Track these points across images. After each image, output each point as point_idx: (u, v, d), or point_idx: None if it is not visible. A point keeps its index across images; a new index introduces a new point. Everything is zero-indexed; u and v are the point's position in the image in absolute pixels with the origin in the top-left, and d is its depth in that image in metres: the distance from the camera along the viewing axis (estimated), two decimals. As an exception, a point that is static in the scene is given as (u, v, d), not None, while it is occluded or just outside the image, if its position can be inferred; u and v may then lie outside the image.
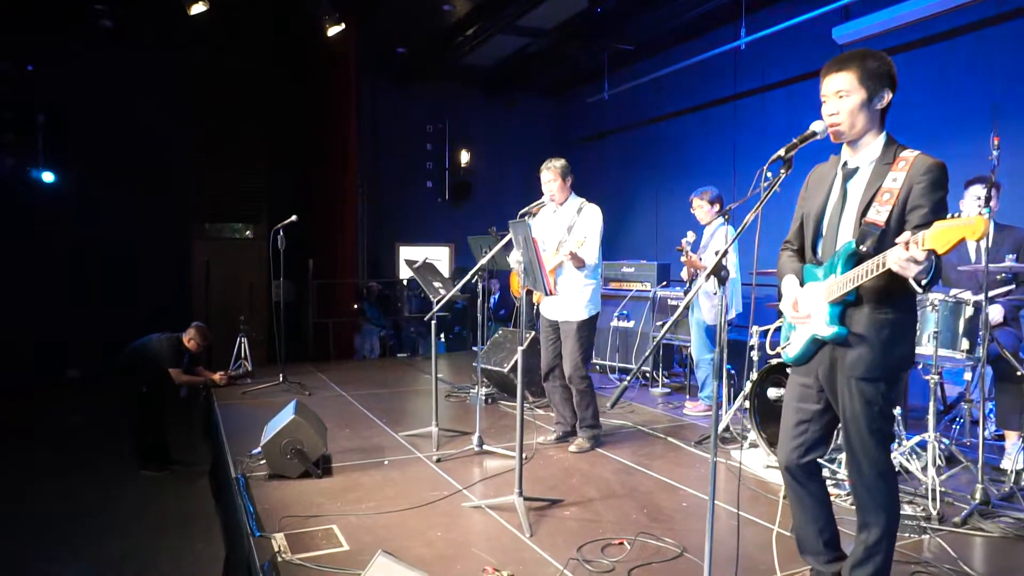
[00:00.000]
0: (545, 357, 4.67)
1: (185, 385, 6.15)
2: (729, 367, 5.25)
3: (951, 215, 1.84)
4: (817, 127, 2.21)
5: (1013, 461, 3.59)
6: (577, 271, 4.36)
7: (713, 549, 2.17)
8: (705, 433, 4.79)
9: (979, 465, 3.33)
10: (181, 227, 9.85)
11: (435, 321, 4.57)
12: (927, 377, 3.50)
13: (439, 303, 4.47)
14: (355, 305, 10.03)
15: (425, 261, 4.82)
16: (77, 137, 9.02)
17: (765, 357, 4.42)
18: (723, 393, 5.15)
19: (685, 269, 5.51)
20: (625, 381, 2.17)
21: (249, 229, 10.48)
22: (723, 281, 2.05)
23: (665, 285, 6.68)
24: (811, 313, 2.29)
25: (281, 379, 6.49)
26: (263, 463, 3.91)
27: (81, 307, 8.73)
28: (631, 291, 6.86)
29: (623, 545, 2.99)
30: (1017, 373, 3.61)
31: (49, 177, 9.02)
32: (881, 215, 2.15)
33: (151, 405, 5.71)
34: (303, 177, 9.98)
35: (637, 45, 9.44)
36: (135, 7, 8.35)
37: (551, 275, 4.37)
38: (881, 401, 2.20)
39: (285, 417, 3.91)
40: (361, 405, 5.76)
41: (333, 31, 8.13)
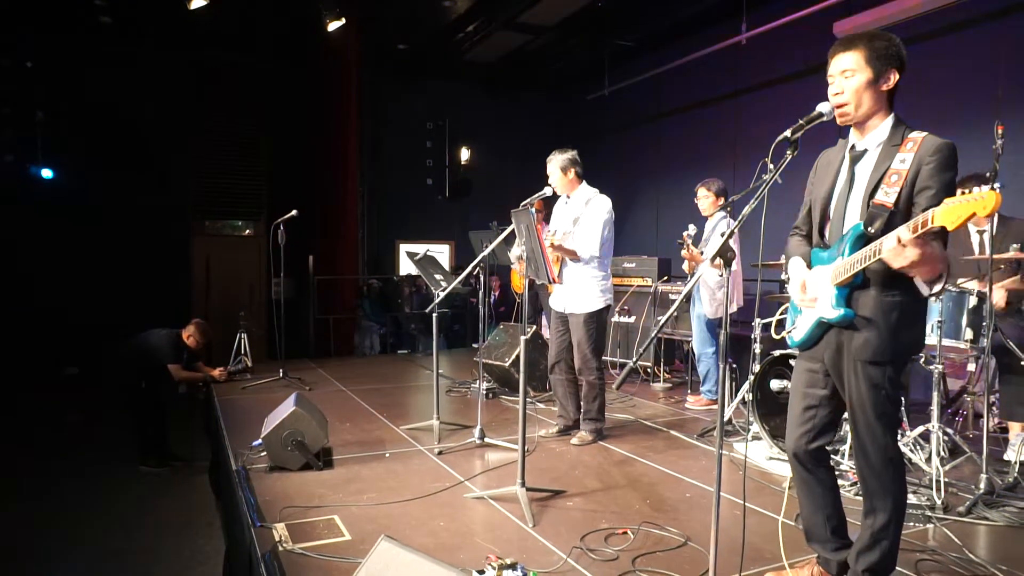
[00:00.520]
0: (552, 349, 4.66)
1: (185, 381, 6.13)
2: (730, 361, 5.24)
3: (964, 191, 1.82)
4: (824, 108, 2.19)
5: (1017, 452, 3.56)
6: (585, 264, 4.34)
7: (718, 539, 2.15)
8: (707, 426, 4.77)
9: (983, 455, 3.31)
10: (181, 224, 9.85)
11: (436, 314, 4.56)
12: (931, 367, 3.48)
13: (442, 294, 4.45)
14: (355, 302, 10.02)
15: (426, 254, 4.80)
16: (76, 133, 9.02)
17: (767, 350, 4.41)
18: (726, 386, 5.13)
19: (686, 263, 5.49)
20: (631, 363, 2.15)
21: (249, 226, 10.48)
22: (729, 263, 2.02)
23: (666, 280, 6.67)
24: (818, 296, 2.27)
25: (281, 374, 6.47)
26: (264, 455, 3.88)
27: (79, 304, 8.71)
28: (632, 286, 6.84)
29: (627, 535, 2.97)
30: (1021, 364, 3.60)
31: (48, 173, 9.00)
32: (889, 197, 2.13)
33: (150, 401, 5.70)
34: (303, 174, 9.98)
35: (638, 42, 9.44)
36: (134, 3, 8.33)
37: (555, 265, 4.36)
38: (888, 385, 2.18)
39: (286, 409, 3.89)
40: (362, 400, 5.74)
41: (333, 27, 8.12)
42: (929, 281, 2.00)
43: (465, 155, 11.80)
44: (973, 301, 3.56)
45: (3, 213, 8.59)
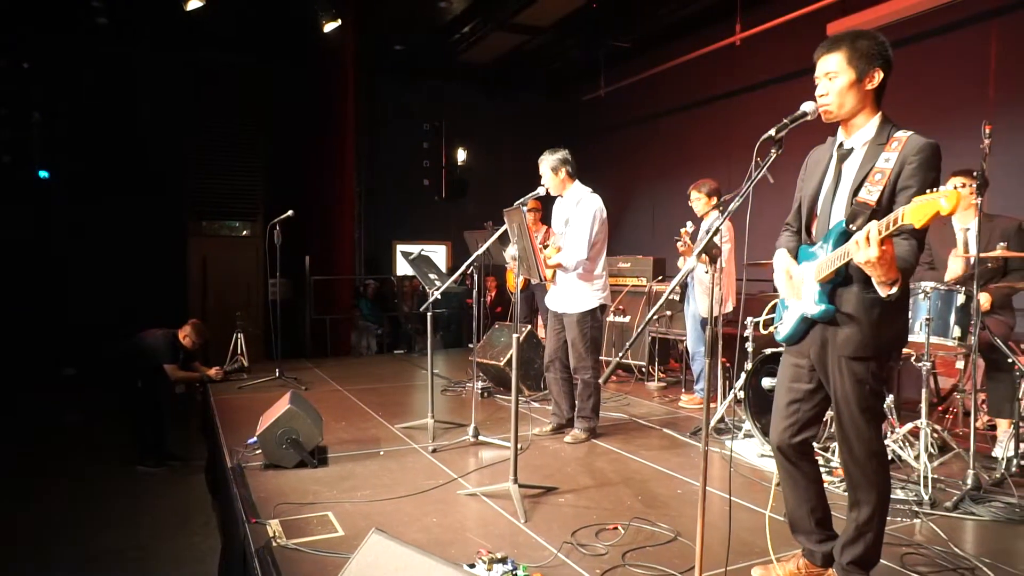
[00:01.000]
0: (549, 347, 4.69)
1: (181, 381, 6.15)
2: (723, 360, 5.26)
3: (930, 190, 1.85)
4: (807, 107, 2.23)
5: (1004, 448, 3.60)
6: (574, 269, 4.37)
7: (706, 533, 2.18)
8: (700, 424, 4.78)
9: (971, 452, 3.35)
10: (178, 224, 9.86)
11: (430, 313, 4.59)
12: (919, 364, 3.51)
13: (435, 293, 4.48)
14: (352, 302, 10.05)
15: (420, 253, 4.83)
16: (73, 134, 9.03)
17: (759, 348, 4.44)
18: (718, 385, 5.16)
19: (682, 259, 5.52)
20: (617, 358, 2.17)
21: (246, 227, 10.50)
22: (714, 260, 2.06)
23: (661, 280, 6.69)
24: (802, 291, 2.30)
25: (277, 374, 6.49)
26: (259, 453, 3.91)
27: (77, 305, 8.73)
28: (627, 286, 6.87)
29: (617, 530, 3.00)
30: (1008, 361, 3.63)
31: (45, 174, 9.01)
32: (872, 195, 2.16)
33: (148, 401, 5.72)
34: (300, 175, 9.99)
35: (633, 42, 9.48)
36: (131, 4, 8.35)
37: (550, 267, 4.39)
38: (871, 380, 2.22)
39: (281, 408, 3.92)
40: (357, 399, 5.77)
41: (329, 27, 8.15)
42: (885, 283, 2.02)
43: (462, 156, 11.83)
44: (961, 299, 3.60)
45: (0, 214, 8.61)
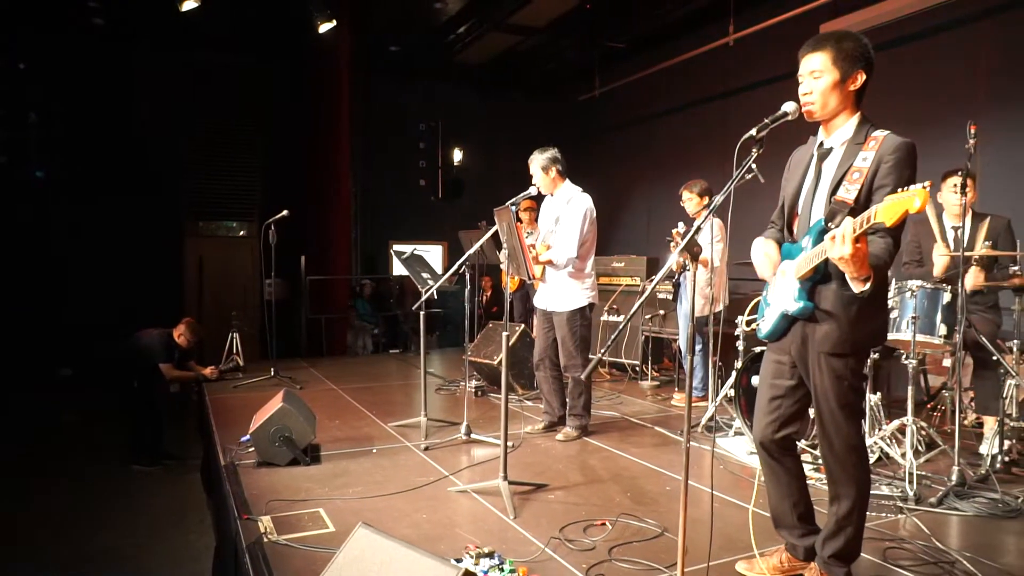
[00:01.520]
0: (538, 346, 4.72)
1: (177, 380, 6.17)
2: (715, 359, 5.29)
3: (902, 189, 1.88)
4: (788, 107, 2.26)
5: (990, 445, 3.64)
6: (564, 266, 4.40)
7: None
8: (691, 422, 4.82)
9: (955, 448, 3.38)
10: (174, 224, 9.88)
11: (423, 312, 4.62)
12: (906, 362, 3.55)
13: (427, 292, 4.51)
14: (348, 302, 10.08)
15: (413, 253, 4.86)
16: (69, 135, 9.05)
17: (749, 346, 4.47)
18: (709, 383, 5.20)
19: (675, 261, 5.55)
20: (599, 355, 2.21)
21: (243, 227, 10.52)
22: (696, 257, 2.09)
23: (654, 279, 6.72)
24: (783, 290, 2.34)
25: (272, 373, 6.52)
26: (252, 451, 3.94)
27: (73, 304, 8.75)
28: (621, 286, 6.91)
29: (605, 526, 3.03)
30: (994, 359, 3.67)
31: (40, 174, 9.03)
32: (850, 193, 2.19)
33: (143, 401, 5.74)
34: (297, 175, 10.02)
35: (627, 43, 9.51)
36: (127, 4, 8.38)
37: (539, 266, 4.43)
38: (850, 376, 2.25)
39: (274, 406, 3.95)
40: (351, 398, 5.80)
41: (324, 28, 8.17)
42: (858, 279, 2.05)
43: (458, 156, 11.86)
44: (947, 297, 3.63)
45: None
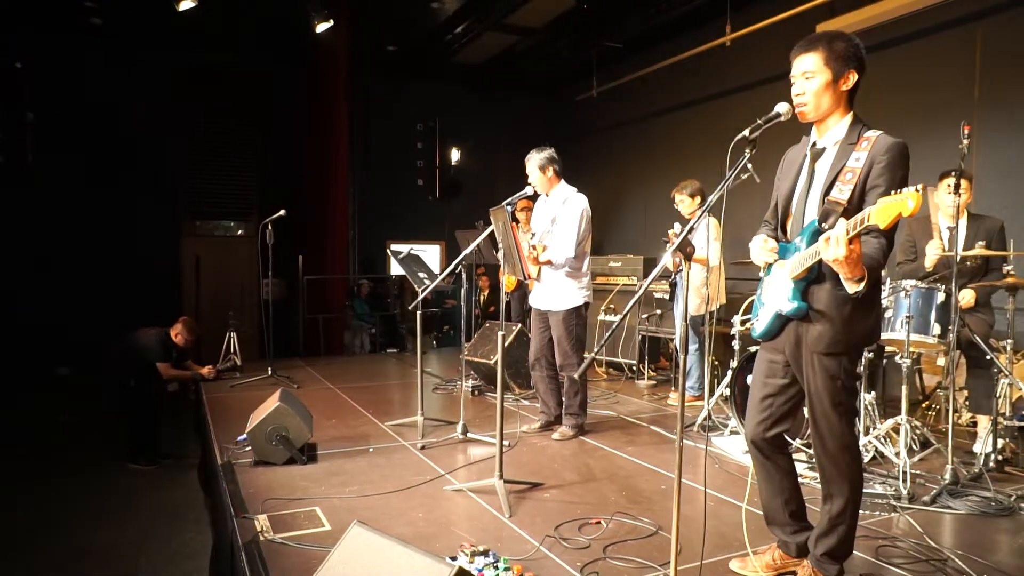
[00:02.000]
0: (534, 346, 4.73)
1: (174, 380, 6.17)
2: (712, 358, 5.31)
3: (895, 191, 1.90)
4: (781, 108, 2.27)
5: (983, 443, 3.66)
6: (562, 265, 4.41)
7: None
8: (688, 422, 4.85)
9: (949, 447, 3.40)
10: (172, 224, 9.88)
11: (420, 311, 4.63)
12: (899, 360, 3.57)
13: (424, 292, 4.52)
14: (346, 302, 10.08)
15: (410, 252, 4.87)
16: (67, 134, 9.04)
17: (745, 346, 4.49)
18: (705, 382, 5.21)
19: (671, 261, 5.57)
20: (592, 354, 2.22)
21: (240, 227, 10.52)
22: (689, 256, 2.10)
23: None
24: (777, 290, 2.35)
25: (270, 373, 6.53)
26: (249, 450, 3.95)
27: (70, 304, 8.75)
28: (618, 285, 6.92)
29: (600, 524, 3.05)
30: (988, 358, 3.69)
31: (37, 174, 9.01)
32: (843, 194, 2.21)
33: (140, 400, 5.74)
34: (294, 175, 10.03)
35: (625, 43, 9.52)
36: (124, 4, 8.37)
37: (534, 264, 4.44)
38: (844, 375, 2.26)
39: (270, 405, 3.96)
40: (348, 397, 5.81)
41: (321, 27, 8.17)
42: (852, 280, 2.06)
43: (455, 156, 11.87)
44: (941, 297, 3.65)
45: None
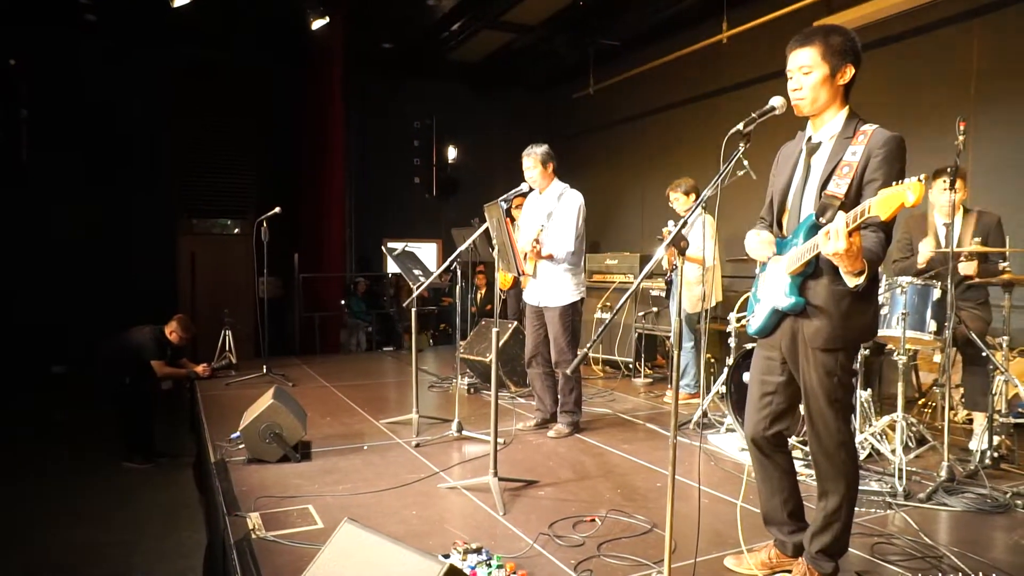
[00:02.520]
0: (529, 343, 4.71)
1: (169, 377, 6.15)
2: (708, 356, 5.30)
3: (896, 182, 1.88)
4: (775, 102, 2.25)
5: (979, 441, 3.65)
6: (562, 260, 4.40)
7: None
8: (683, 419, 4.83)
9: (945, 444, 3.39)
10: (167, 222, 9.84)
11: (415, 309, 4.61)
12: (896, 358, 3.55)
13: (419, 288, 4.50)
14: (342, 300, 10.06)
15: (405, 249, 4.85)
16: (61, 131, 9.00)
17: (741, 343, 4.48)
18: (701, 380, 5.21)
19: (666, 259, 5.56)
20: (586, 349, 2.21)
21: (236, 224, 10.48)
22: (682, 252, 2.08)
23: (649, 277, 6.72)
24: (773, 285, 2.33)
25: (265, 371, 6.50)
26: (242, 447, 3.93)
27: (66, 302, 8.71)
28: (614, 283, 6.91)
29: (594, 522, 3.03)
30: (983, 355, 3.68)
31: (32, 171, 8.97)
32: (840, 188, 2.19)
33: (135, 398, 5.72)
34: (291, 173, 10.00)
35: (622, 41, 9.50)
36: (119, 1, 8.33)
37: (531, 261, 4.42)
38: (840, 371, 2.24)
39: (264, 403, 3.94)
40: (344, 395, 5.79)
41: (317, 24, 8.15)
42: (852, 273, 2.05)
43: (452, 153, 11.85)
44: (937, 294, 3.64)
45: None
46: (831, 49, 2.23)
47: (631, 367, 6.62)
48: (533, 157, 4.46)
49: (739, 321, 4.43)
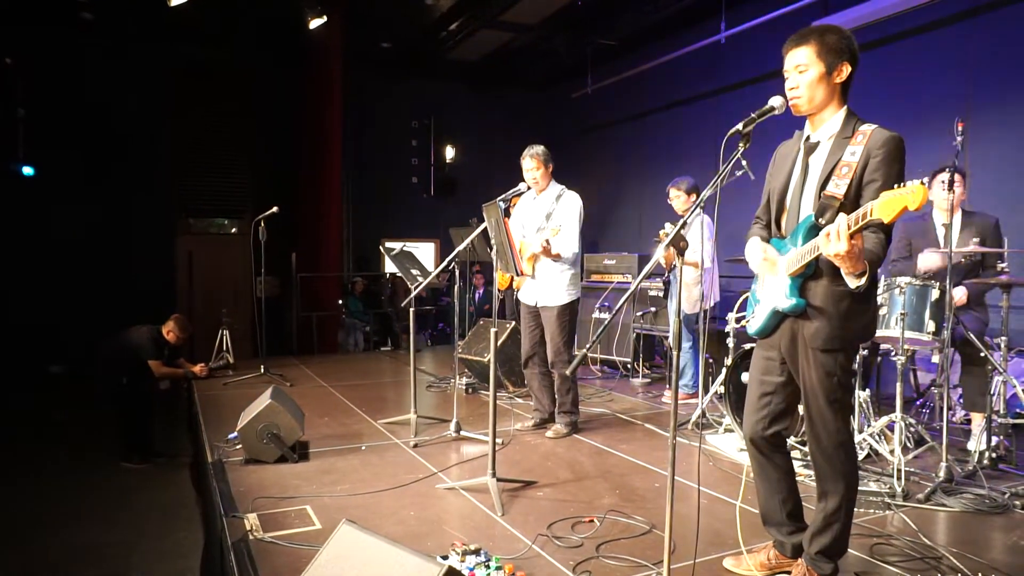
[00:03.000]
0: (525, 344, 4.70)
1: (166, 377, 6.14)
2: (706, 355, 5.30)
3: (898, 184, 1.87)
4: (775, 102, 2.25)
5: (977, 441, 3.65)
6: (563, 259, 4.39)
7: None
8: (682, 419, 4.83)
9: (944, 444, 3.39)
10: (165, 222, 9.83)
11: (413, 309, 4.60)
12: (894, 358, 3.55)
13: (417, 288, 4.49)
14: (340, 300, 10.05)
15: (403, 249, 4.84)
16: (58, 130, 8.98)
17: (739, 343, 4.47)
18: (699, 380, 5.20)
19: (662, 260, 5.55)
20: (583, 351, 2.20)
21: (234, 224, 10.47)
22: (681, 252, 2.08)
23: (648, 277, 6.73)
24: (773, 286, 2.33)
25: (262, 371, 6.49)
26: (239, 448, 3.92)
27: (63, 302, 8.69)
28: (612, 283, 6.90)
29: (593, 523, 3.02)
30: (982, 355, 3.68)
31: (29, 171, 8.95)
32: (840, 188, 2.18)
33: (133, 398, 5.70)
34: (288, 172, 9.99)
35: (620, 40, 9.50)
36: (117, 0, 8.32)
37: (530, 261, 4.41)
38: (839, 372, 2.24)
39: (261, 403, 3.93)
40: (341, 395, 5.78)
41: (315, 24, 8.14)
42: (853, 274, 2.04)
43: (450, 153, 11.84)
44: (935, 294, 3.64)
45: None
46: (826, 47, 2.23)
47: (629, 367, 6.62)
48: (534, 157, 4.46)
49: (738, 321, 4.43)
